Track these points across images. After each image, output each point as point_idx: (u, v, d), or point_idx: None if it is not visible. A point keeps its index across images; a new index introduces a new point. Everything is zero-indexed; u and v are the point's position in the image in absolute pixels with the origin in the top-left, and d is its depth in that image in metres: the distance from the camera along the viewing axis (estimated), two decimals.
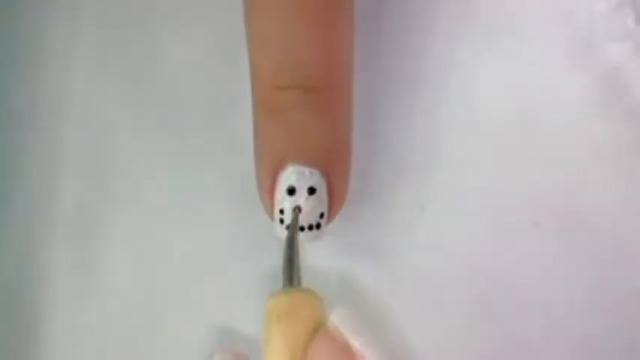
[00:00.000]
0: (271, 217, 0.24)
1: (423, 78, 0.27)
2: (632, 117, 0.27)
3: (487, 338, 0.26)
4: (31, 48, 0.28)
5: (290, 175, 0.23)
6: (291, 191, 0.23)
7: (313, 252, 0.26)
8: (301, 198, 0.23)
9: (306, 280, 0.22)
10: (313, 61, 0.23)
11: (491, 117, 0.27)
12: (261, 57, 0.23)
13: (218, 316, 0.26)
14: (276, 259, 0.25)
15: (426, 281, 0.26)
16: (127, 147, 0.28)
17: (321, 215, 0.24)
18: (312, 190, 0.23)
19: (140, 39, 0.28)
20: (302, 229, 0.24)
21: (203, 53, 0.28)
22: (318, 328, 0.21)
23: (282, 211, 0.24)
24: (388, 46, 0.27)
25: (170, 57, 0.28)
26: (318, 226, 0.24)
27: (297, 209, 0.23)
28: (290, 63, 0.23)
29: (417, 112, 0.27)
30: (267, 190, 0.24)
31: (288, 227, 0.24)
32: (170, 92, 0.28)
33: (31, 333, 0.27)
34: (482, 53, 0.27)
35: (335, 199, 0.24)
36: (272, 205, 0.24)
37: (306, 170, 0.23)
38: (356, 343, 0.20)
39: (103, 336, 0.27)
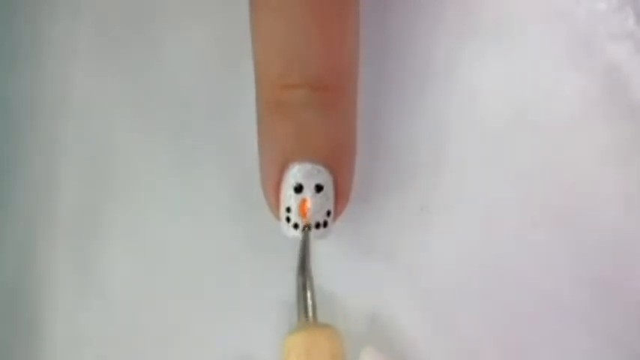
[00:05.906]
0: (276, 216, 0.24)
1: (425, 79, 0.27)
2: (632, 117, 0.27)
3: (487, 338, 0.26)
4: (31, 48, 0.28)
5: (297, 173, 0.23)
6: (298, 189, 0.23)
7: (313, 252, 0.26)
8: (308, 195, 0.23)
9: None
10: (321, 60, 0.23)
11: (491, 117, 0.27)
12: (267, 55, 0.23)
13: (218, 313, 0.26)
14: (277, 258, 0.26)
15: (426, 281, 0.26)
16: (127, 147, 0.28)
17: (328, 213, 0.24)
18: (319, 188, 0.23)
19: (140, 39, 0.28)
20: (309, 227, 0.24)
21: (203, 53, 0.28)
22: None
23: (288, 209, 0.23)
24: (391, 46, 0.27)
25: (170, 57, 0.28)
26: (325, 224, 0.24)
27: (307, 227, 0.23)
28: (297, 61, 0.23)
29: (418, 112, 0.27)
30: (273, 188, 0.24)
31: (295, 226, 0.23)
32: (170, 92, 0.28)
33: (31, 333, 0.27)
34: (483, 54, 0.27)
35: (341, 197, 0.24)
36: (277, 204, 0.24)
37: (314, 168, 0.23)
38: None
39: (104, 336, 0.27)
